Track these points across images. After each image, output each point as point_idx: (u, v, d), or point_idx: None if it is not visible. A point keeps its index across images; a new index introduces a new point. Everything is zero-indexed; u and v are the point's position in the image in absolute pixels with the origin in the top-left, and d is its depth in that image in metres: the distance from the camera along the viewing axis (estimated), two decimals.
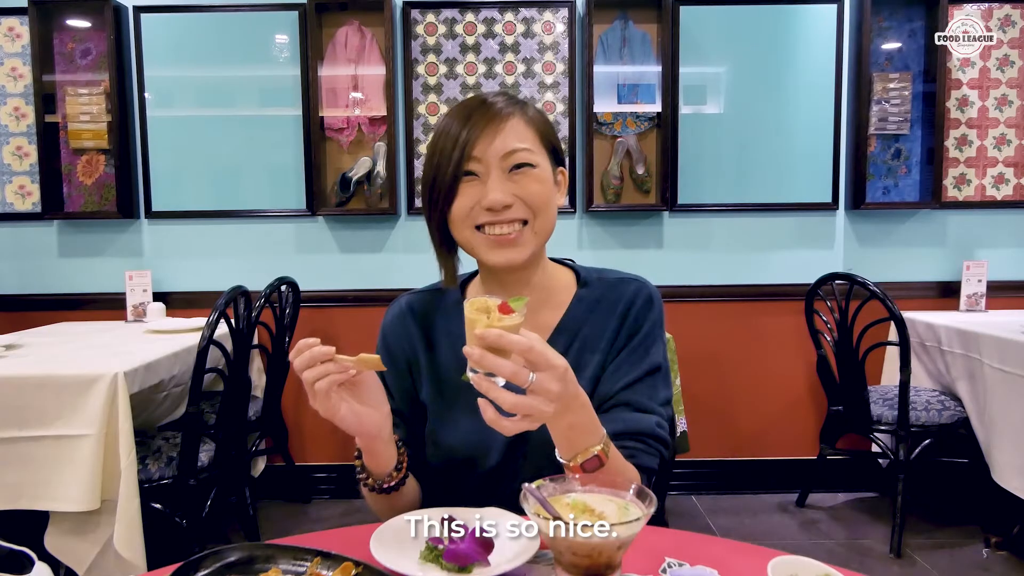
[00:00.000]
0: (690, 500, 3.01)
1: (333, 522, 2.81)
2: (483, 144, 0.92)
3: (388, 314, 1.10)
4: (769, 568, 0.67)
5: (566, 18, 2.93)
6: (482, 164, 0.93)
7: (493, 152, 0.92)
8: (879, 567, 2.39)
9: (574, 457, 0.82)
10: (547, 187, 0.96)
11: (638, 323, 1.01)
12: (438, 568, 0.73)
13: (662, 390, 1.00)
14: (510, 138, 0.93)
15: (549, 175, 0.97)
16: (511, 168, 0.93)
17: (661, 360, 1.01)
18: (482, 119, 0.93)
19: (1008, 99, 3.01)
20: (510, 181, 0.93)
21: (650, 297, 1.04)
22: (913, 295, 3.02)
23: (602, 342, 1.01)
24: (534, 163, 0.94)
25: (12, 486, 1.85)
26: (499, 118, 0.94)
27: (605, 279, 1.07)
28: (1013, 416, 2.29)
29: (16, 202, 3.01)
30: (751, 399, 3.08)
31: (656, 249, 3.05)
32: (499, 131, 0.93)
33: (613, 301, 1.03)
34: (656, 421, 0.96)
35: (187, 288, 3.03)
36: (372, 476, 0.93)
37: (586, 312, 1.03)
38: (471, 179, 0.94)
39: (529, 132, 0.95)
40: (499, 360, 0.73)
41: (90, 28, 2.95)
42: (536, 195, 0.94)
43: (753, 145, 2.99)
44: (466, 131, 0.93)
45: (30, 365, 2.01)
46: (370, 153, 2.98)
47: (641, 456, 0.94)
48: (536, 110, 1.00)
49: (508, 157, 0.93)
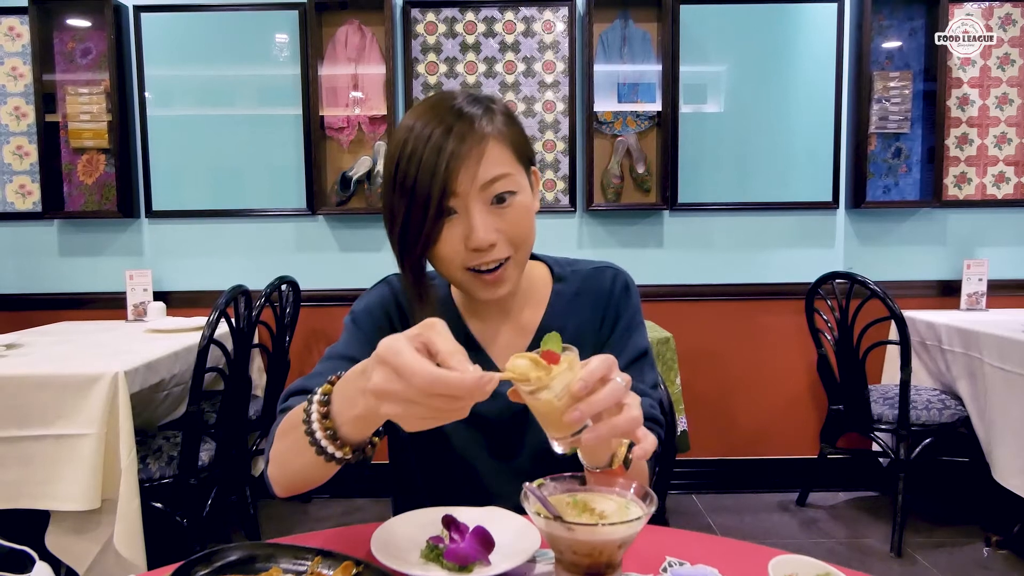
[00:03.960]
0: (691, 499, 3.01)
1: (334, 521, 2.82)
2: (464, 177, 0.84)
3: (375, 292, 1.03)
4: (770, 567, 0.67)
5: (566, 17, 2.93)
6: (461, 199, 0.85)
7: (475, 185, 0.84)
8: (880, 566, 2.39)
9: (614, 455, 0.74)
10: (530, 214, 0.91)
11: (619, 312, 1.02)
12: (439, 567, 0.73)
13: (649, 373, 1.00)
14: (489, 166, 0.85)
15: (529, 195, 0.91)
16: (493, 199, 0.86)
17: (645, 344, 1.01)
18: (459, 146, 0.83)
19: (1009, 98, 3.01)
20: (493, 215, 0.86)
21: (626, 284, 1.04)
22: (914, 294, 3.02)
23: (589, 335, 1.01)
24: (515, 189, 0.88)
25: (13, 485, 1.85)
26: (477, 145, 0.84)
27: (579, 271, 1.06)
28: (1013, 415, 2.29)
29: (17, 201, 3.01)
30: (752, 398, 3.08)
31: (656, 248, 3.05)
32: (479, 159, 0.84)
33: (592, 293, 1.03)
34: (648, 403, 0.94)
35: (187, 287, 3.03)
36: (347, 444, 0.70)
37: (567, 307, 1.03)
38: (451, 217, 0.86)
39: (507, 152, 0.87)
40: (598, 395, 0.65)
41: (90, 27, 2.95)
42: (519, 229, 0.88)
43: (753, 144, 2.99)
44: (444, 161, 0.82)
45: (31, 364, 2.01)
46: (370, 152, 2.98)
47: None
48: (504, 116, 0.90)
49: (488, 187, 0.85)
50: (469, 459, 1.00)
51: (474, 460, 1.00)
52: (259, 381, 2.84)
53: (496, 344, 1.02)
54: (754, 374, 3.07)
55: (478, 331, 1.02)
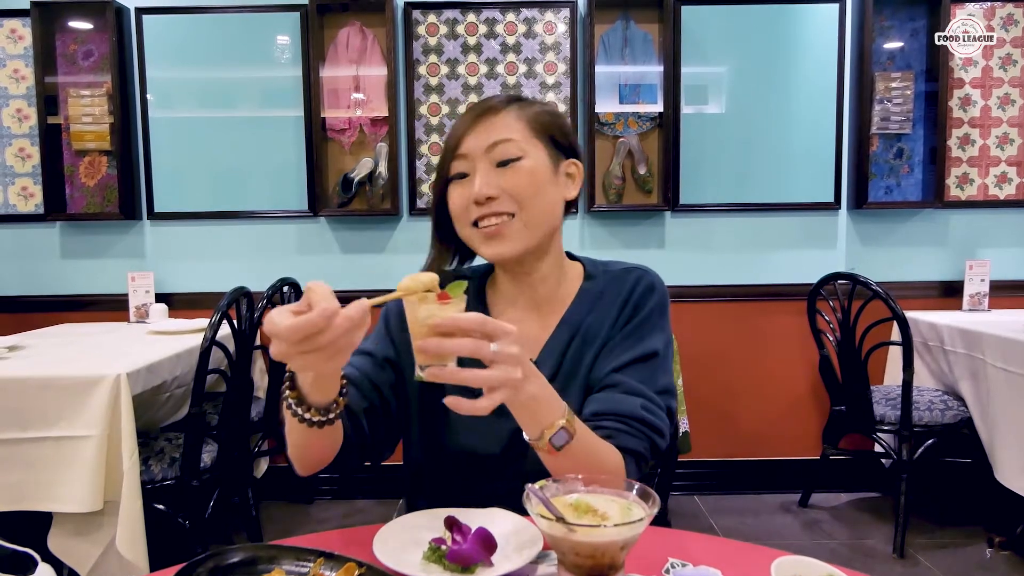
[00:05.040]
0: (693, 500, 3.01)
1: (336, 523, 2.82)
2: (469, 140, 0.96)
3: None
4: (772, 568, 0.67)
5: (567, 18, 2.93)
6: (469, 161, 0.96)
7: (477, 146, 0.95)
8: (882, 567, 2.38)
9: (541, 436, 0.80)
10: (536, 178, 0.96)
11: (637, 309, 1.01)
12: (441, 568, 0.74)
13: (660, 377, 0.97)
14: (495, 131, 0.95)
15: (542, 166, 0.97)
16: (499, 163, 0.95)
17: (660, 347, 0.98)
18: (471, 116, 0.97)
19: (1011, 98, 3.00)
20: (495, 174, 0.95)
21: (651, 285, 1.03)
22: (916, 295, 3.01)
23: (602, 331, 1.01)
24: (520, 155, 0.95)
25: (15, 487, 1.85)
26: (488, 114, 0.96)
27: (610, 271, 1.07)
28: (1016, 416, 2.28)
29: (19, 204, 3.02)
30: (754, 399, 3.07)
31: (658, 249, 3.05)
32: (486, 127, 0.96)
33: (615, 293, 1.03)
34: (641, 403, 0.93)
35: (189, 289, 3.03)
36: (313, 407, 0.77)
37: (589, 305, 1.03)
38: (462, 180, 0.97)
39: (519, 124, 0.97)
40: (457, 340, 0.72)
41: (92, 30, 2.96)
42: (521, 187, 0.95)
43: (755, 145, 2.99)
44: (456, 132, 0.97)
45: (33, 366, 2.01)
46: (372, 154, 2.98)
47: (622, 437, 0.90)
48: (536, 105, 1.01)
49: (492, 150, 0.95)
50: (470, 459, 1.00)
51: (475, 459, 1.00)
52: (261, 383, 2.84)
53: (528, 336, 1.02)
54: (756, 375, 3.06)
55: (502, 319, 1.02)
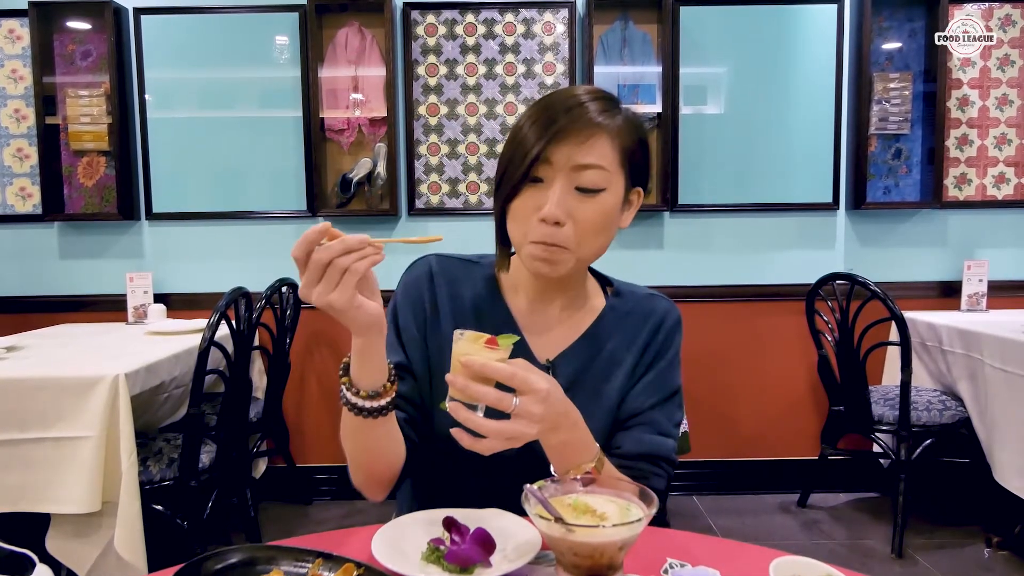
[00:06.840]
0: (691, 500, 3.01)
1: (335, 523, 2.81)
2: (558, 150, 0.89)
3: (414, 270, 1.06)
4: (771, 568, 0.67)
5: (566, 19, 2.94)
6: (552, 169, 0.90)
7: (565, 161, 0.89)
8: (880, 567, 2.39)
9: (567, 473, 0.84)
10: (607, 216, 0.92)
11: (667, 344, 1.04)
12: (440, 569, 0.73)
13: (677, 412, 1.03)
14: (588, 152, 0.89)
15: (615, 200, 0.93)
16: (578, 186, 0.90)
17: (679, 383, 1.05)
18: (569, 124, 0.89)
19: (1009, 98, 3.01)
20: (572, 198, 0.90)
21: (678, 320, 1.07)
22: (914, 295, 3.02)
23: (630, 355, 1.02)
24: (605, 186, 0.91)
25: (13, 488, 1.85)
26: (585, 126, 0.89)
27: (636, 293, 1.08)
28: (1014, 416, 2.28)
29: (17, 204, 3.01)
30: (752, 399, 3.08)
31: (657, 249, 3.05)
32: (579, 139, 0.89)
33: (643, 315, 1.05)
34: (672, 446, 1.00)
35: (188, 290, 3.03)
36: (363, 390, 0.83)
37: (616, 322, 1.04)
38: (537, 184, 0.91)
39: (611, 151, 0.91)
40: (482, 388, 0.75)
41: (90, 30, 2.95)
42: (590, 222, 0.91)
43: (754, 145, 2.99)
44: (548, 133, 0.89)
45: (31, 367, 2.01)
46: (370, 154, 2.98)
47: (653, 479, 0.98)
48: (626, 120, 0.94)
49: (579, 171, 0.89)
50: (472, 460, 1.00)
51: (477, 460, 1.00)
52: (259, 383, 2.84)
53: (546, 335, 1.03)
54: (755, 375, 3.07)
55: (529, 322, 1.03)
